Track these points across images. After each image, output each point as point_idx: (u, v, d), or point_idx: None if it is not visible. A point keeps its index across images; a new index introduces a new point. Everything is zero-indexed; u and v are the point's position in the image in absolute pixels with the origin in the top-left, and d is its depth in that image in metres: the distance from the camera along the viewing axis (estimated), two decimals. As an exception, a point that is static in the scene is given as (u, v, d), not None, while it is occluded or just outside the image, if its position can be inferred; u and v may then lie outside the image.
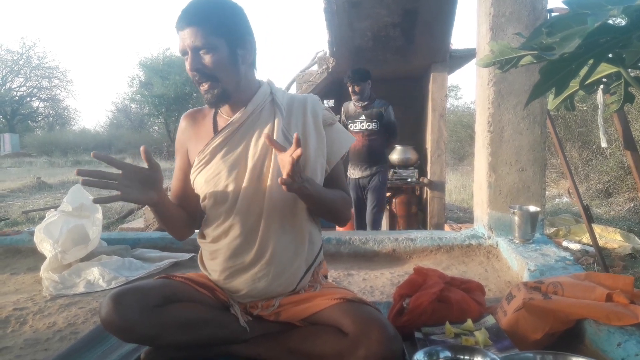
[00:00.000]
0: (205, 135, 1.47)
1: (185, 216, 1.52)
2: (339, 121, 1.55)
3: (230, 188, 1.41)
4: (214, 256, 1.48)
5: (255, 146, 1.42)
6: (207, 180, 1.43)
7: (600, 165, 8.12)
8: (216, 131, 1.47)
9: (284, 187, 1.23)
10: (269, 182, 1.40)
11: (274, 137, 1.40)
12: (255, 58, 1.44)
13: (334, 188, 1.48)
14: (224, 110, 1.49)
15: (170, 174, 1.76)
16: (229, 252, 1.43)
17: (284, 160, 1.23)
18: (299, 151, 1.18)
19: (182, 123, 1.55)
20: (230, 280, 1.45)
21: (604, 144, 2.57)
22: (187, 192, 1.53)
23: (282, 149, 1.26)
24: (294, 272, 1.45)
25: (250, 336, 1.46)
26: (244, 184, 1.40)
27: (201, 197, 1.47)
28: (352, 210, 4.31)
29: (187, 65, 1.34)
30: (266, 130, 1.42)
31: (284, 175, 1.22)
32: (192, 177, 1.47)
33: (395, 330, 1.30)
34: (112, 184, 1.26)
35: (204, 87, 1.36)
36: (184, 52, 1.34)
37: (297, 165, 1.21)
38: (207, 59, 1.32)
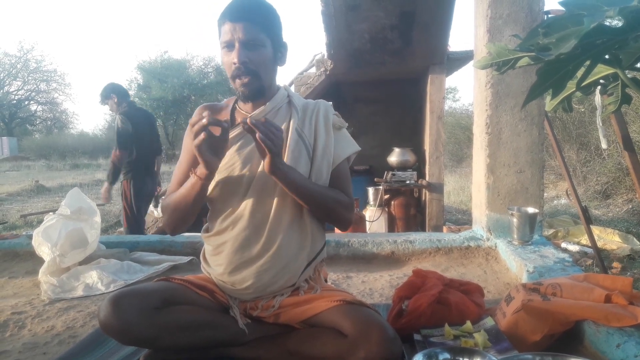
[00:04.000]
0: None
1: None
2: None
3: (243, 180, 1.43)
4: (219, 250, 1.48)
5: None
6: (220, 170, 1.43)
7: (599, 166, 8.14)
8: (233, 124, 1.49)
9: (267, 168, 1.30)
10: None
11: (289, 135, 1.46)
12: (284, 64, 1.52)
13: (334, 189, 1.50)
14: (243, 106, 1.52)
15: (169, 178, 1.75)
16: (236, 244, 1.44)
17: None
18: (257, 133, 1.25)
19: (199, 114, 1.55)
20: (236, 274, 1.45)
21: (604, 145, 2.58)
22: None
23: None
24: (297, 266, 1.46)
25: (250, 338, 1.46)
26: (256, 177, 1.43)
27: (211, 187, 1.46)
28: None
29: (233, 57, 1.38)
30: (282, 128, 1.44)
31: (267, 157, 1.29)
32: None
33: (394, 332, 1.30)
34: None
35: (244, 80, 1.40)
36: (229, 44, 1.39)
37: (267, 143, 1.26)
38: (254, 54, 1.39)
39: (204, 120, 1.25)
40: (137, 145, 4.18)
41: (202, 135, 1.26)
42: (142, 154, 4.28)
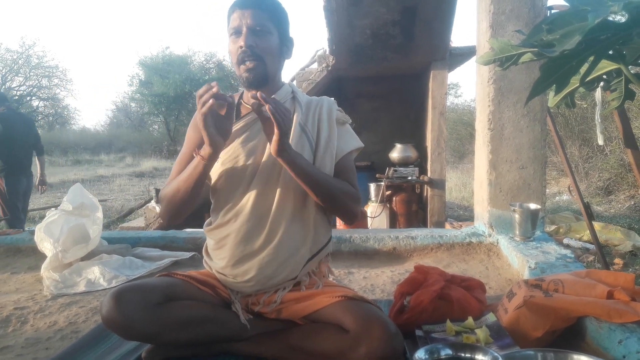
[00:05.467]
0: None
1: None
2: None
3: (246, 172, 1.44)
4: (222, 243, 1.48)
5: None
6: (223, 162, 1.45)
7: (601, 162, 8.13)
8: (238, 117, 1.50)
9: (274, 148, 1.28)
10: (283, 171, 1.42)
11: (292, 129, 1.46)
12: (290, 58, 1.54)
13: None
14: (248, 99, 1.52)
15: (169, 173, 1.74)
16: (239, 237, 1.44)
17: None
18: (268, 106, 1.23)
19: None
20: (238, 266, 1.45)
21: (600, 142, 2.57)
22: None
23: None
24: (299, 259, 1.46)
25: (251, 334, 1.46)
26: (260, 169, 1.44)
27: (214, 179, 1.48)
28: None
29: (240, 41, 1.39)
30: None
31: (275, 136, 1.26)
32: None
33: (396, 328, 1.31)
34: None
35: (249, 65, 1.41)
36: (237, 31, 1.41)
37: (277, 117, 1.24)
38: (261, 40, 1.41)
39: (214, 89, 1.25)
40: (11, 144, 4.58)
41: (210, 102, 1.24)
42: (16, 154, 4.68)
